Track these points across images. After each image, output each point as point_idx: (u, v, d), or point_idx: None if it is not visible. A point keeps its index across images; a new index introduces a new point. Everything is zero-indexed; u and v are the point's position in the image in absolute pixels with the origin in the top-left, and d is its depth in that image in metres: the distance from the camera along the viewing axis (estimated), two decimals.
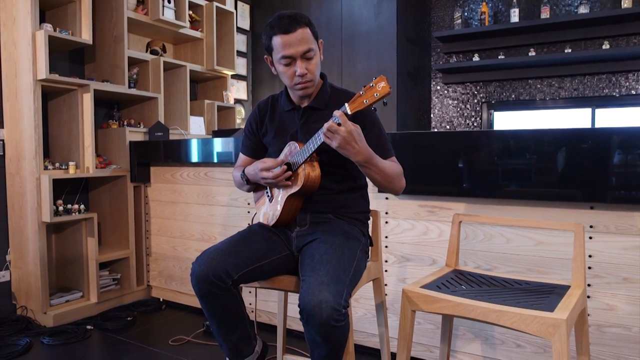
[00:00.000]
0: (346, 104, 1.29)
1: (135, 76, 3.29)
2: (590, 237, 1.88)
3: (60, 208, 2.75)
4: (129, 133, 3.06)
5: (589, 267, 1.88)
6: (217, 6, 3.83)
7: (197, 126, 3.70)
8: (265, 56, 1.57)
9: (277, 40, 1.43)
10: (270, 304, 2.66)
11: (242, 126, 4.92)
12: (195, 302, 2.97)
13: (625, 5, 3.73)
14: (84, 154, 2.86)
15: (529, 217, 1.97)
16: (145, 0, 3.31)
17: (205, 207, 2.90)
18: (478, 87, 4.47)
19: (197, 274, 1.36)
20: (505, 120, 4.51)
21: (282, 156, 1.50)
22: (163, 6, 3.32)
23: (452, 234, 1.56)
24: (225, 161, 2.75)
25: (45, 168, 2.73)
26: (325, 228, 1.48)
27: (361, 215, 1.58)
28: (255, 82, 5.15)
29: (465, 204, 2.12)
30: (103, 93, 2.99)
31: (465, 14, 4.45)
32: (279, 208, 1.48)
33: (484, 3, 4.27)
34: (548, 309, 1.12)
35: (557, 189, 1.87)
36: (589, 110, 4.14)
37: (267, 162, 1.47)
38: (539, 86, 4.26)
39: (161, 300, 3.15)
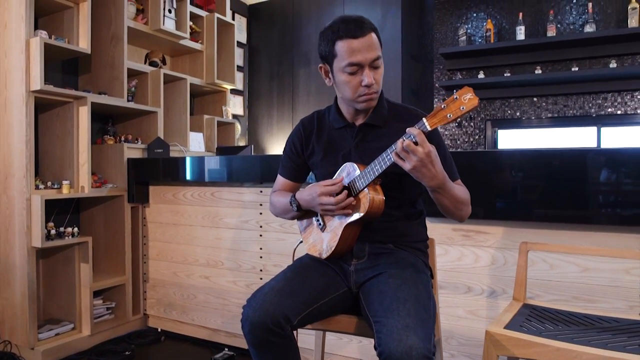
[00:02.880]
0: (424, 119, 1.13)
1: (133, 89, 3.08)
2: None
3: (52, 231, 2.50)
4: (127, 149, 2.84)
5: None
6: (218, 17, 3.66)
7: (196, 142, 3.49)
8: (319, 65, 1.40)
9: (342, 46, 1.26)
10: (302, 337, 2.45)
11: (242, 143, 4.73)
12: (198, 333, 2.73)
13: (632, 24, 3.72)
14: (78, 172, 2.62)
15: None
16: (146, 9, 3.12)
17: (212, 230, 2.69)
18: (482, 105, 4.39)
19: (252, 320, 1.16)
20: (510, 139, 4.44)
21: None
22: (164, 16, 3.14)
23: (520, 265, 1.41)
24: (235, 180, 2.56)
25: (36, 187, 2.48)
26: (388, 260, 1.31)
27: (422, 244, 1.41)
28: (252, 97, 4.98)
29: (503, 227, 1.98)
30: (97, 106, 2.76)
31: (469, 30, 4.39)
32: (336, 238, 1.30)
33: (489, 20, 4.22)
34: None
35: (604, 212, 1.75)
36: (594, 129, 4.10)
37: (327, 185, 1.29)
38: (544, 104, 4.21)
39: (159, 330, 2.90)
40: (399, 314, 1.08)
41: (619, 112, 3.97)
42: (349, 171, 1.29)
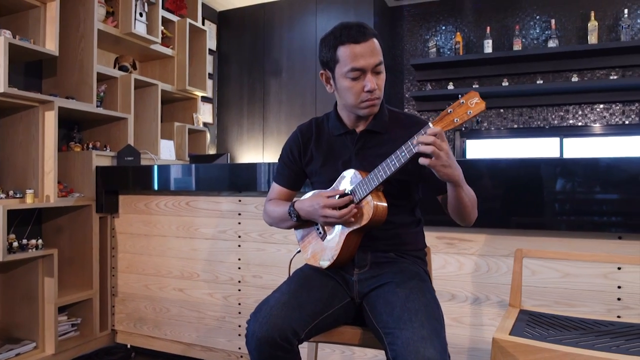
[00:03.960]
0: (430, 124, 1.12)
1: (102, 94, 2.95)
2: (619, 268, 1.81)
3: (15, 244, 2.34)
4: (95, 157, 2.71)
5: (618, 299, 1.81)
6: (190, 23, 3.58)
7: (167, 150, 3.38)
8: (320, 72, 1.37)
9: (344, 51, 1.24)
10: None
11: (213, 151, 4.63)
12: (172, 348, 2.62)
13: (592, 41, 3.90)
14: (43, 180, 2.48)
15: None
16: (116, 11, 3.01)
17: (186, 241, 2.60)
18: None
19: (259, 335, 1.11)
20: (477, 149, 4.55)
21: (339, 188, 1.29)
22: (135, 19, 3.03)
23: (515, 271, 1.42)
24: (212, 189, 2.48)
25: None
26: (392, 269, 1.29)
27: (421, 252, 1.40)
28: (221, 105, 4.89)
29: (486, 235, 2.01)
30: (64, 111, 2.62)
31: (439, 43, 4.49)
32: (338, 247, 1.26)
33: (458, 33, 4.33)
34: None
35: (583, 219, 1.81)
36: (557, 140, 4.26)
37: (330, 196, 1.25)
38: (510, 115, 4.34)
39: (129, 347, 2.76)
40: (413, 325, 1.06)
41: (579, 123, 4.15)
42: (350, 178, 1.27)
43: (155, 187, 2.60)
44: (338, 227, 1.28)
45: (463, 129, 4.35)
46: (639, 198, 1.73)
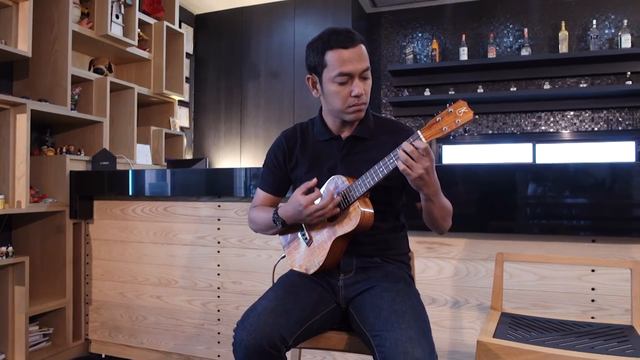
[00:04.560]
0: (419, 132, 1.13)
1: (76, 97, 2.88)
2: (593, 270, 1.86)
3: None
4: (69, 161, 2.63)
5: (592, 300, 1.86)
6: (167, 26, 3.54)
7: (143, 155, 3.32)
8: (307, 76, 1.36)
9: (332, 56, 1.24)
10: None
11: (190, 156, 4.56)
12: (148, 357, 2.56)
13: (563, 50, 4.03)
14: (14, 185, 2.40)
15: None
16: (91, 13, 2.95)
17: (164, 247, 2.55)
18: (427, 121, 4.54)
19: (247, 343, 1.09)
20: (453, 154, 4.62)
21: (324, 194, 1.29)
22: (111, 21, 2.98)
23: (497, 275, 1.44)
24: (191, 195, 2.45)
25: None
26: (377, 274, 1.29)
27: (405, 257, 1.41)
28: (198, 110, 4.84)
29: (465, 239, 2.04)
30: (36, 114, 2.54)
31: (416, 49, 4.56)
32: (324, 252, 1.26)
33: (434, 40, 4.40)
34: None
35: (558, 223, 1.86)
36: (530, 146, 4.37)
37: (305, 192, 1.25)
38: (484, 121, 4.44)
39: (103, 356, 2.68)
40: (400, 326, 1.06)
41: (551, 130, 4.26)
42: (336, 184, 1.27)
43: (132, 193, 2.55)
44: (324, 233, 1.28)
45: (451, 137, 4.43)
46: (611, 202, 1.79)
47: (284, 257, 1.45)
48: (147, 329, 2.58)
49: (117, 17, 3.05)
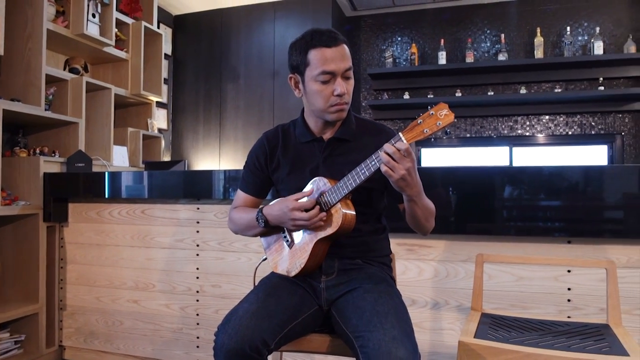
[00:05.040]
0: (401, 134, 1.13)
1: (51, 97, 2.81)
2: (569, 271, 1.90)
3: None
4: (43, 163, 2.57)
5: (568, 300, 1.90)
6: (145, 26, 3.49)
7: (120, 157, 3.26)
8: (289, 76, 1.36)
9: (315, 54, 1.24)
10: None
11: (168, 158, 4.50)
12: None
13: (538, 55, 4.12)
14: None
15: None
16: (67, 11, 2.89)
17: (142, 250, 2.50)
18: (407, 124, 4.59)
19: (228, 347, 1.07)
20: (432, 157, 4.67)
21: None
22: (87, 20, 2.92)
23: (477, 276, 1.46)
24: (170, 197, 2.41)
25: None
26: (359, 275, 1.29)
27: (387, 258, 1.41)
28: (176, 111, 4.78)
29: (445, 241, 2.05)
30: (8, 114, 2.46)
31: (395, 53, 4.59)
32: (305, 255, 1.25)
33: (414, 44, 4.45)
34: (622, 353, 1.07)
35: (535, 224, 1.89)
36: (507, 149, 4.45)
37: (298, 199, 1.24)
38: (463, 125, 4.50)
39: None
40: (383, 327, 1.06)
41: (527, 133, 4.35)
42: (318, 186, 1.26)
43: (108, 195, 2.50)
44: (306, 235, 1.28)
45: (431, 139, 4.47)
46: (586, 204, 1.83)
47: (265, 259, 1.43)
48: (123, 334, 2.52)
49: (93, 16, 2.99)
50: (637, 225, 1.79)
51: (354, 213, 1.23)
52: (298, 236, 1.30)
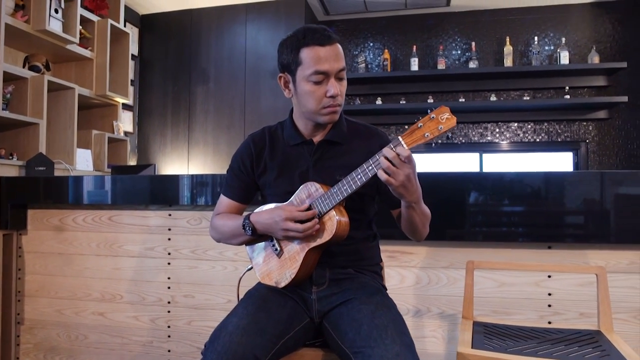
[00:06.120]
0: (400, 138, 1.08)
1: (8, 95, 2.64)
2: (549, 276, 1.91)
3: None
4: (0, 166, 2.40)
5: (549, 305, 1.90)
6: (112, 24, 3.34)
7: (84, 160, 3.10)
8: (279, 75, 1.29)
9: (308, 53, 1.18)
10: None
11: (134, 162, 4.33)
12: None
13: (507, 64, 4.20)
14: None
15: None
16: (27, 5, 2.72)
17: (109, 259, 2.36)
18: (379, 130, 4.59)
19: None
20: None
21: (296, 201, 1.21)
22: (50, 15, 2.76)
23: (467, 283, 1.42)
24: (139, 203, 2.29)
25: None
26: (352, 285, 1.23)
27: (378, 267, 1.36)
28: (142, 114, 4.61)
29: (427, 247, 2.03)
30: None
31: (368, 58, 4.59)
32: (296, 264, 1.17)
33: (386, 50, 4.46)
34: None
35: (515, 230, 1.89)
36: (477, 155, 4.51)
37: (292, 209, 1.16)
38: None
39: None
40: (384, 342, 1.01)
41: (496, 140, 4.43)
42: (310, 191, 1.19)
43: (71, 201, 2.35)
44: (296, 244, 1.20)
45: (433, 144, 4.47)
46: (566, 210, 1.85)
47: (250, 268, 1.35)
48: (88, 349, 2.37)
49: (56, 11, 2.83)
50: (616, 230, 1.82)
51: (348, 220, 1.17)
52: (287, 244, 1.22)
